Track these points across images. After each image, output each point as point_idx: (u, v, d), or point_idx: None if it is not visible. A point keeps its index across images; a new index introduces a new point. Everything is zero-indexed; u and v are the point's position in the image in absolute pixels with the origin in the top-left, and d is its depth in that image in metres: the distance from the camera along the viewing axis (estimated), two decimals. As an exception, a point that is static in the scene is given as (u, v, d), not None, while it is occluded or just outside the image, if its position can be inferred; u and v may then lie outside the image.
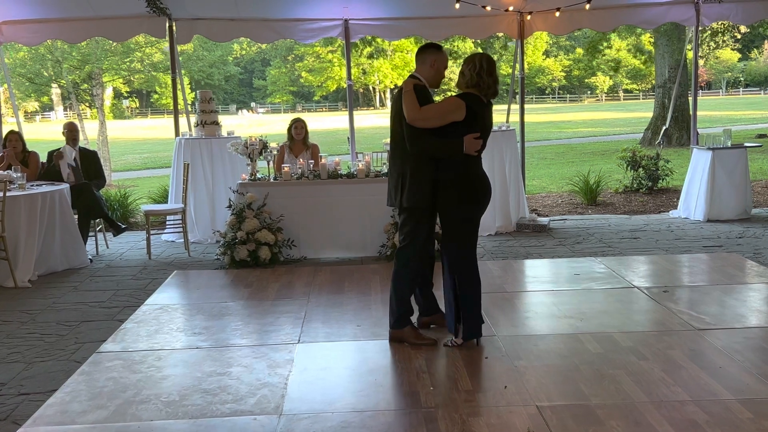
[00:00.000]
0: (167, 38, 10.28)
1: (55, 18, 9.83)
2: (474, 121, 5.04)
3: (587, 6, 9.48)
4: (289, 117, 9.46)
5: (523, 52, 10.71)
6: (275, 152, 8.79)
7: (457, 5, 9.31)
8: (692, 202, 10.26)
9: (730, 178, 10.01)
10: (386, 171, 8.49)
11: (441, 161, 5.12)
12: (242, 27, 10.33)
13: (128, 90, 56.61)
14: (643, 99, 67.42)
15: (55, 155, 8.95)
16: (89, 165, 9.20)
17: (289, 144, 9.18)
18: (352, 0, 9.83)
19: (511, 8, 10.05)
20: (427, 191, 5.16)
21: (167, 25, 10.05)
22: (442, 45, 5.64)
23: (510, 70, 10.21)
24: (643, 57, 31.33)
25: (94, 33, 10.45)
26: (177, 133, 10.34)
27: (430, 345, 5.33)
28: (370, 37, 18.55)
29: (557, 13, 9.95)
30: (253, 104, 73.61)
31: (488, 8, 9.79)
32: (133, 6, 9.26)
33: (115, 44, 19.58)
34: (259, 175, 8.57)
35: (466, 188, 5.13)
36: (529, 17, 10.22)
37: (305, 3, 9.84)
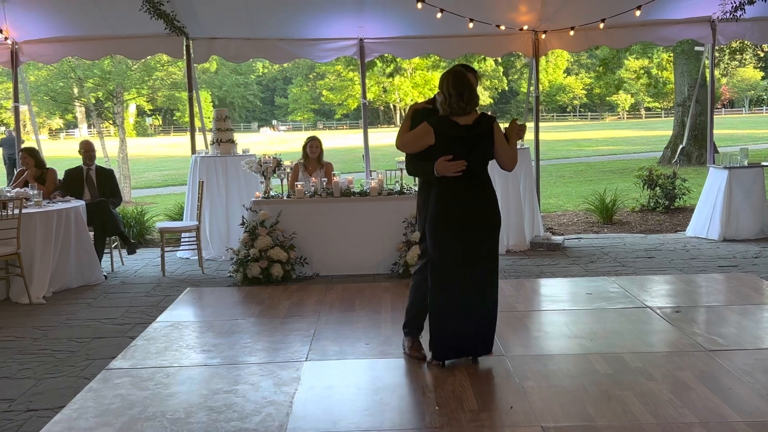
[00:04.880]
0: (184, 58, 10.40)
1: (74, 36, 9.97)
2: (446, 144, 5.07)
3: (601, 25, 9.50)
4: (311, 135, 9.54)
5: (537, 71, 10.71)
6: (289, 170, 8.83)
7: (471, 24, 9.35)
8: (707, 221, 10.18)
9: (747, 198, 9.93)
10: (398, 189, 8.56)
11: (434, 182, 5.18)
12: (258, 47, 10.41)
13: (151, 108, 57.17)
14: (664, 117, 67.08)
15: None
16: (105, 183, 9.29)
17: (304, 162, 9.22)
18: (367, 19, 9.89)
19: (525, 27, 10.07)
20: (425, 211, 5.33)
21: (184, 44, 10.16)
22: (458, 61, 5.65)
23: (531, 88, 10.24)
24: (664, 74, 31.21)
25: (112, 51, 10.61)
26: (193, 151, 10.42)
27: (419, 359, 5.41)
28: (390, 57, 18.66)
29: (572, 32, 9.95)
30: (274, 122, 74.06)
31: (502, 27, 9.82)
32: (152, 25, 9.36)
33: (136, 63, 19.81)
34: (272, 193, 8.61)
35: (438, 210, 5.16)
36: (543, 36, 10.22)
37: (321, 23, 9.93)
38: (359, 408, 4.62)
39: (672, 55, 23.21)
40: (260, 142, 43.61)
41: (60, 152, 29.14)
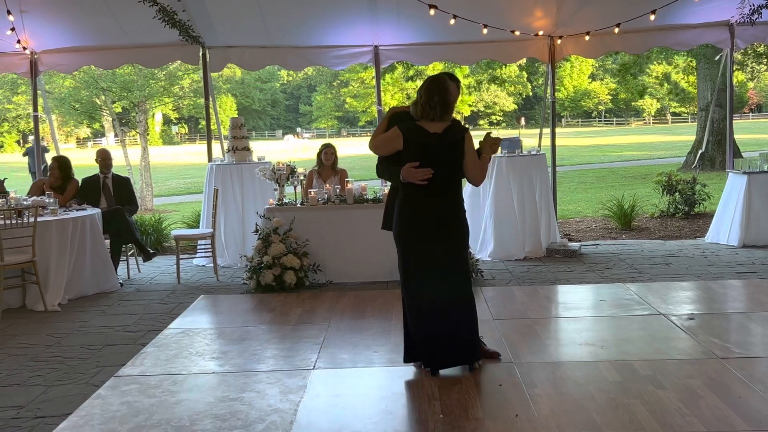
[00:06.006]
0: (200, 65, 10.48)
1: (91, 46, 10.09)
2: (413, 151, 5.06)
3: (616, 30, 9.42)
4: (334, 142, 9.57)
5: (554, 76, 10.64)
6: (302, 177, 8.85)
7: (485, 30, 9.32)
8: (726, 227, 10.05)
9: (767, 203, 9.78)
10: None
11: (401, 187, 5.19)
12: (273, 55, 10.47)
13: (177, 116, 57.68)
14: (691, 122, 66.39)
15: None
16: (121, 191, 9.36)
17: (318, 169, 9.23)
18: (382, 26, 9.90)
19: (540, 32, 10.01)
20: (391, 216, 5.36)
21: (200, 53, 10.23)
22: (474, 67, 5.62)
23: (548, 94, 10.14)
24: (690, 78, 30.95)
25: (129, 60, 10.72)
26: (210, 159, 10.48)
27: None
28: (409, 63, 18.67)
29: (587, 37, 9.88)
30: (299, 129, 74.35)
31: (517, 33, 9.77)
32: (168, 35, 9.41)
33: (159, 72, 19.94)
34: (286, 200, 8.63)
35: (400, 216, 5.21)
36: (559, 41, 10.16)
37: (335, 30, 9.95)
38: (363, 416, 4.60)
39: (694, 60, 23.00)
40: (285, 150, 43.73)
41: (87, 161, 29.41)
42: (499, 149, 5.43)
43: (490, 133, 5.36)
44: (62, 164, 9.30)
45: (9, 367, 5.86)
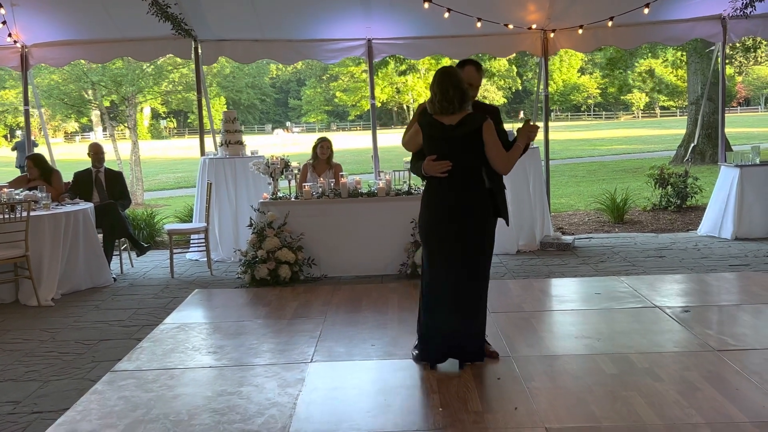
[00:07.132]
0: (192, 59, 10.43)
1: (82, 39, 10.03)
2: (431, 144, 5.08)
3: (609, 23, 9.43)
4: (321, 136, 9.53)
5: (547, 70, 10.65)
6: (296, 171, 8.82)
7: (479, 24, 9.31)
8: (719, 220, 10.10)
9: (759, 196, 9.83)
10: (406, 189, 8.52)
11: (425, 181, 5.24)
12: (266, 48, 10.43)
13: (166, 110, 57.37)
14: (680, 116, 66.66)
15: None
16: (114, 185, 9.33)
17: (313, 163, 9.20)
18: (375, 20, 9.87)
19: (534, 26, 10.01)
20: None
21: (193, 46, 10.17)
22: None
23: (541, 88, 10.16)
24: (679, 72, 31.03)
25: (121, 53, 10.65)
26: (202, 153, 10.44)
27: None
28: (402, 56, 18.64)
29: (580, 31, 9.89)
30: (288, 124, 74.20)
31: (510, 26, 9.77)
32: (159, 28, 9.35)
33: (148, 67, 19.86)
34: (280, 194, 8.61)
35: (424, 208, 5.22)
36: (552, 35, 10.16)
37: (328, 24, 9.92)
38: (362, 409, 4.59)
39: (684, 53, 23.06)
40: (275, 144, 43.64)
41: (75, 155, 29.29)
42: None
43: (529, 120, 5.32)
44: (37, 161, 9.25)
45: (4, 362, 5.83)
